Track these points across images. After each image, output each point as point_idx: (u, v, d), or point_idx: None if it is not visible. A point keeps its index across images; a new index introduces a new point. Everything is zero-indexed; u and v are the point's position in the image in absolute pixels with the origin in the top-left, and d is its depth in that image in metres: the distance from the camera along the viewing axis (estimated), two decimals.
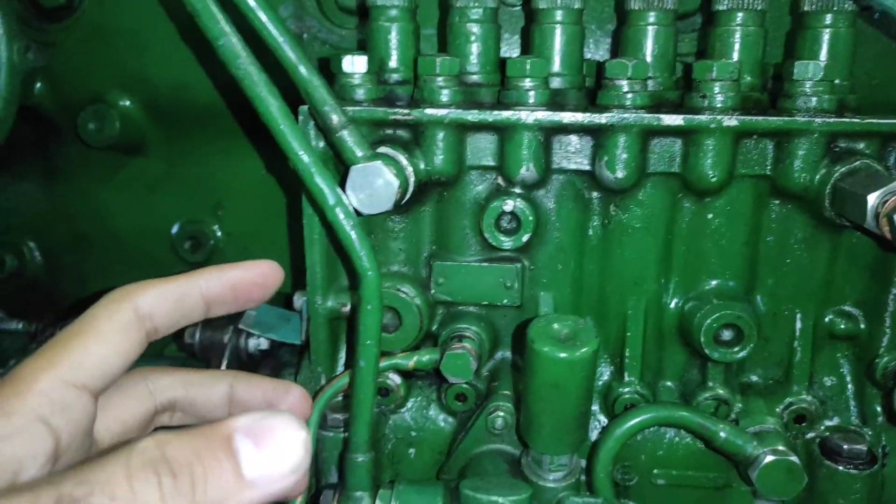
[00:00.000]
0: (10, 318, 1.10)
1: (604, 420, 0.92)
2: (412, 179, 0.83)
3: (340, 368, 0.95)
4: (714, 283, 0.89)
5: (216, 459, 0.39)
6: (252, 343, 0.97)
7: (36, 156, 1.26)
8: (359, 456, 0.81)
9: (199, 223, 1.26)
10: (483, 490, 0.76)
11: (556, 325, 0.73)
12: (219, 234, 1.27)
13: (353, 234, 0.77)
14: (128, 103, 1.17)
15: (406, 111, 0.82)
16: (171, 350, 1.23)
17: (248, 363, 0.99)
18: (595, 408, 0.93)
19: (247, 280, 0.59)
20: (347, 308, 0.91)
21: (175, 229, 1.26)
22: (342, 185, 0.77)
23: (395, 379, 0.93)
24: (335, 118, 0.78)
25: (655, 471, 0.91)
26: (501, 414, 0.85)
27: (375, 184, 0.77)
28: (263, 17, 0.74)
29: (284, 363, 1.03)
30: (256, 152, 1.21)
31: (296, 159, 0.76)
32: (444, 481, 0.83)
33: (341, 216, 0.76)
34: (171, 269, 1.29)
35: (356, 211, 0.78)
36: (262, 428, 0.40)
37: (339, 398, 0.90)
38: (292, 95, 0.79)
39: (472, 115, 0.81)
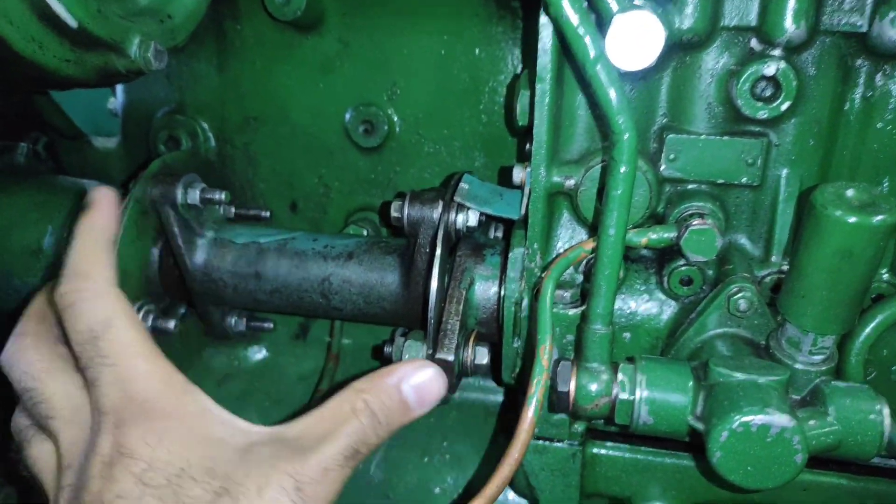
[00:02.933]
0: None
1: None
2: (664, 36, 0.76)
3: (555, 247, 0.92)
4: None
5: (392, 400, 0.64)
6: (461, 219, 0.94)
7: (210, 35, 1.24)
8: (600, 328, 0.78)
9: (373, 106, 1.23)
10: (737, 368, 0.72)
11: (849, 192, 0.66)
12: (394, 118, 1.23)
13: (612, 92, 0.71)
14: None
15: None
16: (355, 230, 1.22)
17: (454, 241, 0.96)
18: None
19: None
20: (571, 182, 0.86)
21: (349, 113, 1.24)
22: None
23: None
24: None
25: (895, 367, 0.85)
26: (747, 295, 0.80)
27: (640, 36, 0.71)
28: None
29: (482, 244, 1.01)
30: (437, 28, 1.16)
31: (556, 5, 0.70)
32: (687, 363, 0.80)
33: (602, 71, 0.71)
34: (342, 155, 1.27)
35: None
36: (418, 378, 0.66)
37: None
38: None
39: None
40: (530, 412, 0.72)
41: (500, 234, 1.07)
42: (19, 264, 1.05)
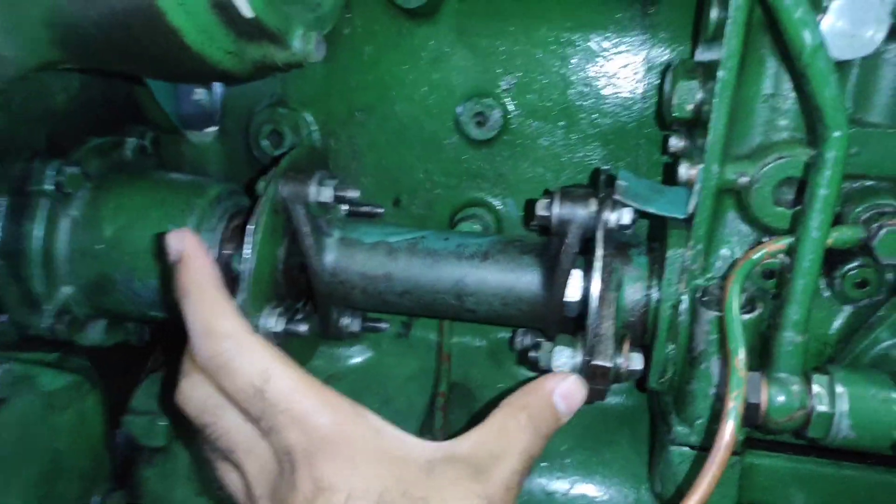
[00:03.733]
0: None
1: None
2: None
3: (720, 247, 0.87)
4: None
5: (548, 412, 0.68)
6: (614, 217, 0.89)
7: None
8: (795, 336, 0.73)
9: (488, 97, 1.18)
10: None
11: None
12: (510, 108, 1.18)
13: (829, 86, 0.66)
14: None
15: None
16: (468, 226, 1.17)
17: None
18: None
19: None
20: (745, 179, 0.82)
21: (461, 105, 1.19)
22: None
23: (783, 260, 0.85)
24: None
25: None
26: None
27: (863, 21, 0.66)
28: None
29: (625, 243, 0.96)
30: (557, 16, 1.11)
31: None
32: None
33: (821, 62, 0.66)
34: (452, 148, 1.23)
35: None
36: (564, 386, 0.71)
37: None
38: None
39: None
40: (731, 427, 0.68)
41: None
42: (140, 265, 1.02)
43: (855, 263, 0.83)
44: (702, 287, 0.85)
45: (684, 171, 0.83)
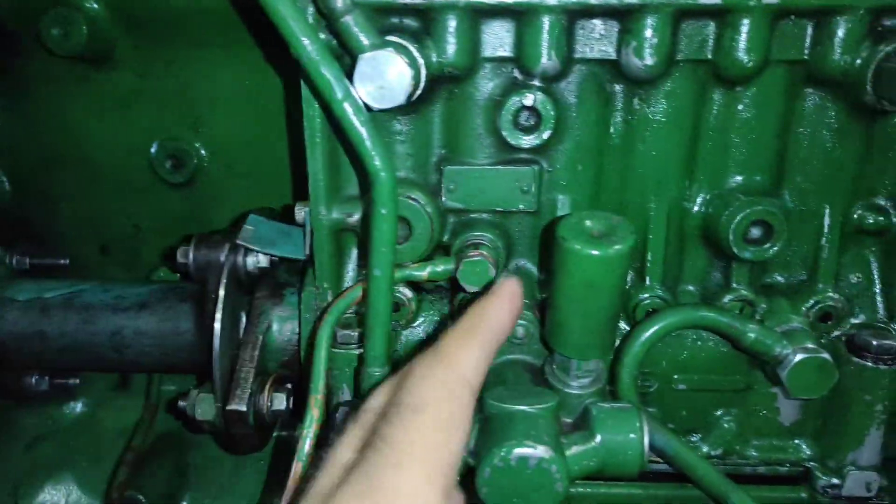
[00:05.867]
0: None
1: (625, 327, 0.89)
2: (423, 73, 0.76)
3: (347, 284, 0.90)
4: (740, 178, 0.84)
5: None
6: (251, 261, 0.91)
7: None
8: (375, 370, 0.76)
9: (180, 140, 1.17)
10: (508, 399, 0.72)
11: (588, 222, 0.68)
12: (202, 151, 1.18)
13: (363, 131, 0.70)
14: (95, 6, 1.06)
15: None
16: (166, 273, 1.16)
17: (247, 283, 0.93)
18: None
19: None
20: (354, 219, 0.85)
21: (154, 148, 1.17)
22: (349, 78, 0.70)
23: (406, 293, 0.89)
24: (339, 1, 0.71)
25: (676, 376, 0.89)
26: (523, 322, 0.81)
27: (387, 74, 0.70)
28: None
29: (283, 283, 0.98)
30: (237, 60, 1.12)
31: (298, 47, 0.68)
32: None
33: (350, 111, 0.70)
34: (151, 192, 1.21)
35: (366, 106, 0.71)
36: None
37: (351, 313, 0.85)
38: None
39: None
40: (298, 469, 0.69)
41: None
42: None
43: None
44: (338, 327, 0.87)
45: (298, 213, 0.86)
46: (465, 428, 0.52)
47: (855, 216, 0.85)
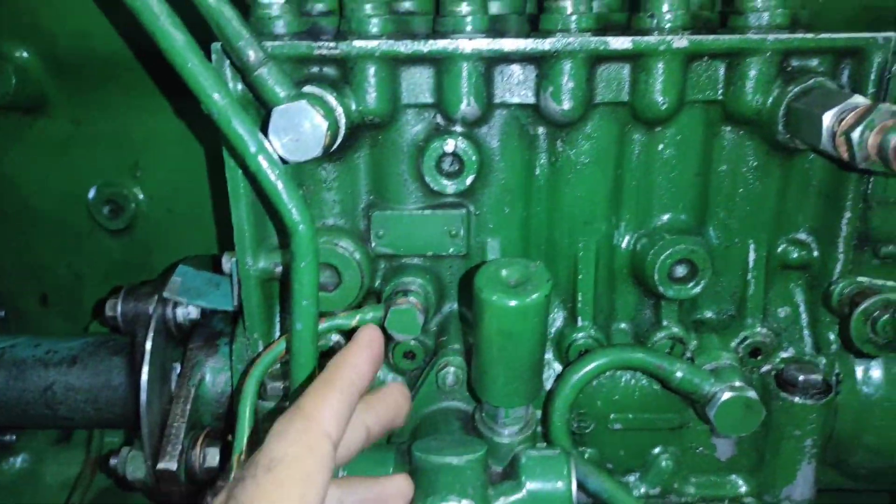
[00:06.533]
0: None
1: (558, 367, 0.89)
2: (343, 121, 0.75)
3: (278, 332, 0.89)
4: (665, 217, 0.85)
5: None
6: (181, 312, 0.89)
7: None
8: None
9: (118, 186, 1.16)
10: (436, 450, 0.71)
11: (504, 271, 0.68)
12: (140, 196, 1.17)
13: (279, 185, 0.69)
14: (24, 55, 1.05)
15: (332, 44, 0.74)
16: (95, 326, 1.14)
17: (178, 335, 0.91)
18: (549, 356, 0.89)
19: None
20: (281, 268, 0.84)
21: (92, 194, 1.16)
22: (264, 130, 0.70)
23: (338, 340, 0.88)
24: (252, 54, 0.70)
25: (612, 415, 0.88)
26: (452, 369, 0.81)
27: (301, 126, 0.70)
28: None
29: (218, 332, 0.96)
30: (173, 104, 1.11)
31: (209, 102, 0.68)
32: (396, 444, 0.78)
33: (265, 165, 0.69)
34: (90, 239, 1.19)
35: (281, 158, 0.70)
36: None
37: (278, 365, 0.83)
38: (203, 33, 0.70)
39: (405, 47, 0.74)
40: None
41: None
42: None
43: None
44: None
45: (225, 263, 0.85)
46: (324, 480, 0.51)
47: (779, 251, 0.86)
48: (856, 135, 0.63)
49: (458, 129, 0.80)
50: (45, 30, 1.03)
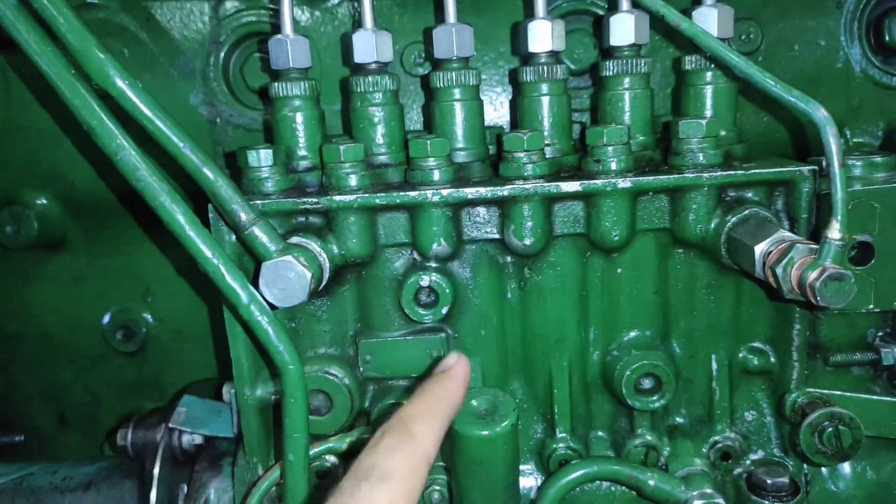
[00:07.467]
0: None
1: (540, 477, 0.94)
2: (327, 266, 0.84)
3: (276, 455, 0.95)
4: (633, 333, 0.92)
5: None
6: (186, 439, 0.96)
7: None
8: None
9: (130, 311, 1.25)
10: None
11: (474, 402, 0.74)
12: (150, 320, 1.25)
13: (269, 330, 0.77)
14: (44, 201, 1.16)
15: (315, 199, 0.84)
16: (107, 451, 1.21)
17: (184, 459, 0.98)
18: (531, 466, 0.94)
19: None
20: (276, 396, 0.91)
21: (106, 319, 1.25)
22: (255, 282, 0.78)
23: (332, 460, 0.93)
24: (244, 216, 0.79)
25: None
26: (437, 488, 0.86)
27: (288, 278, 0.78)
28: (161, 125, 0.75)
29: (222, 453, 1.02)
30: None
31: (205, 263, 0.76)
32: None
33: (256, 314, 0.77)
34: (104, 362, 1.27)
35: (271, 305, 0.78)
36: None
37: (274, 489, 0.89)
38: (201, 190, 0.79)
39: (380, 199, 0.83)
40: None
41: None
42: None
43: None
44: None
45: (225, 393, 0.92)
46: (417, 497, 0.58)
47: (740, 358, 0.92)
48: (780, 270, 0.70)
49: (433, 264, 0.88)
50: (63, 178, 1.14)
